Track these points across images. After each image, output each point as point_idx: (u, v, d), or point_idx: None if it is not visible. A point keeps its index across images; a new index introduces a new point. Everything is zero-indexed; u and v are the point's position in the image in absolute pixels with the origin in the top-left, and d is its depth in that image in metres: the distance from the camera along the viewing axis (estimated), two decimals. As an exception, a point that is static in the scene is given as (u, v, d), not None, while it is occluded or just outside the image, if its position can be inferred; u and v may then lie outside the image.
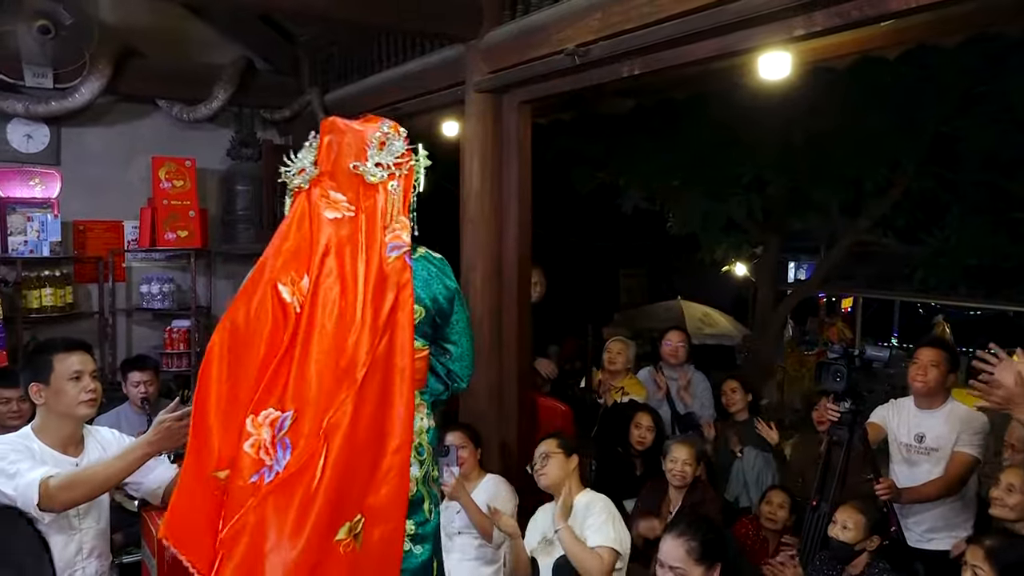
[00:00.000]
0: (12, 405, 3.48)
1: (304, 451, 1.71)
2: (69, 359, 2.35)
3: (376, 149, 1.94)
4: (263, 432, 1.74)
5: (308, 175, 1.96)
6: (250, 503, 1.69)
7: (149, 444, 2.29)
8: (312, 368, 1.77)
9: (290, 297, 1.83)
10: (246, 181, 5.99)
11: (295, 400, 1.75)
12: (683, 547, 2.38)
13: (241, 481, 1.72)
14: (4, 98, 5.16)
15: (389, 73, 5.08)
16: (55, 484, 2.16)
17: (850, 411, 3.14)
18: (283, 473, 1.71)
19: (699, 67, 3.43)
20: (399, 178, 1.94)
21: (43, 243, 5.29)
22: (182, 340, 5.73)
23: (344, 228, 1.88)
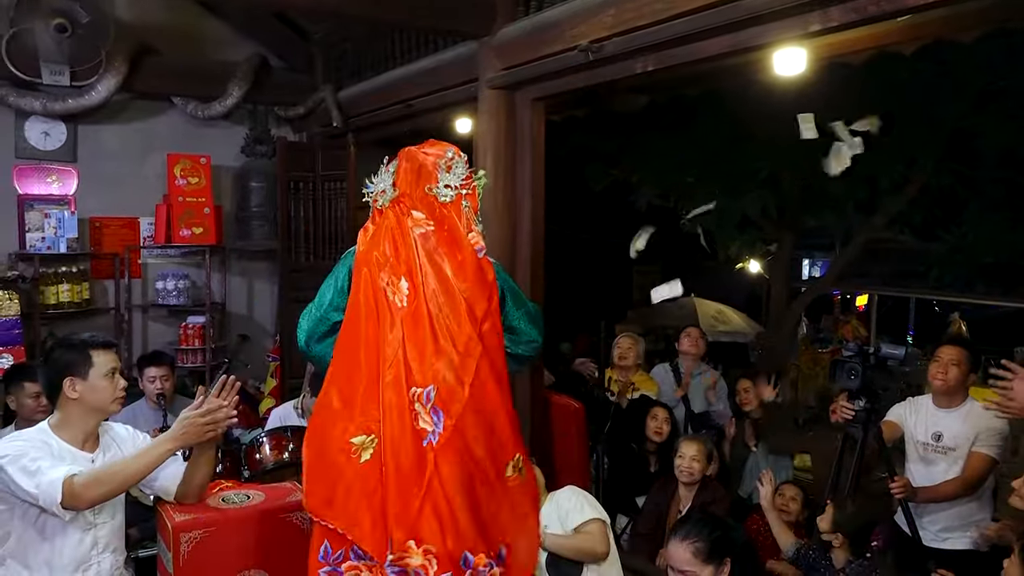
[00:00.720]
0: (41, 400, 3.50)
1: (452, 414, 2.15)
2: (106, 355, 2.39)
3: (444, 172, 2.32)
4: (416, 407, 2.16)
5: (388, 196, 2.34)
6: (429, 461, 2.13)
7: (174, 440, 2.33)
8: (436, 350, 2.18)
9: (392, 296, 2.23)
10: (260, 178, 6.02)
11: (432, 378, 2.16)
12: (690, 549, 2.37)
13: (418, 450, 2.14)
14: (22, 96, 5.21)
15: (402, 70, 5.09)
16: (80, 482, 2.17)
17: (864, 409, 3.12)
18: (444, 433, 2.14)
19: (713, 63, 3.41)
20: (467, 196, 2.35)
21: (60, 239, 5.34)
22: (197, 336, 5.77)
23: (430, 240, 2.28)
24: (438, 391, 2.15)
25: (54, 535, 2.28)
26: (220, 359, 5.76)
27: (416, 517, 2.11)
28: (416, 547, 2.10)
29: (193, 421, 2.33)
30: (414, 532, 2.11)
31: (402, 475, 2.13)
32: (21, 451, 2.22)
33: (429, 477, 2.12)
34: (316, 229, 5.98)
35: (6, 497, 2.25)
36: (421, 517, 2.11)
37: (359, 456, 2.17)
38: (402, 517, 2.12)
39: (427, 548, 2.11)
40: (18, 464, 2.19)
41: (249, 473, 3.73)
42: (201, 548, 2.44)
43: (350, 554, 2.19)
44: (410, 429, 2.14)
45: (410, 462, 2.13)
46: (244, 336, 6.24)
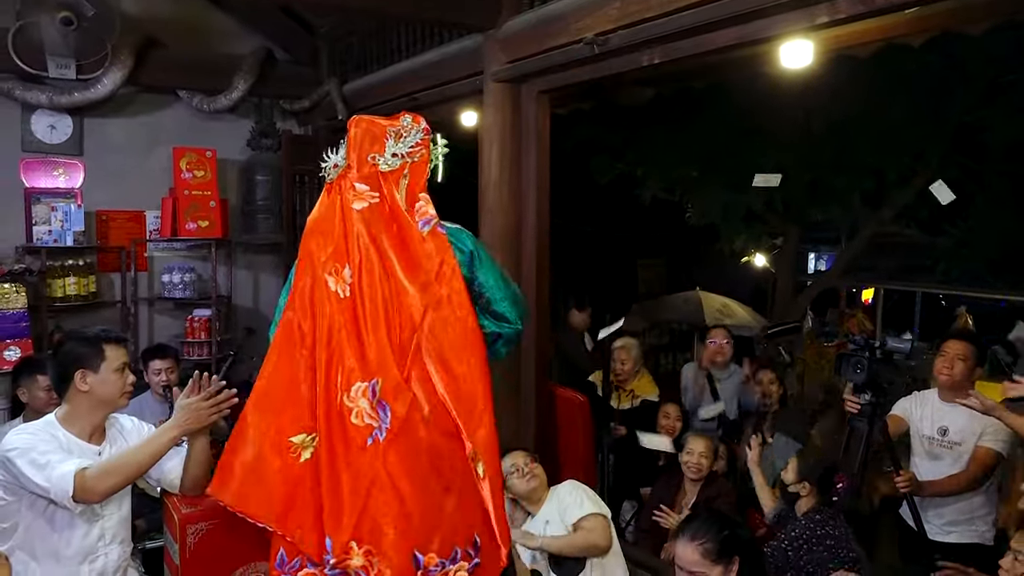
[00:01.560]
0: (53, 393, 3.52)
1: (400, 405, 2.00)
2: (118, 350, 2.41)
3: (393, 141, 2.12)
4: (360, 403, 2.00)
5: (338, 169, 2.15)
6: (375, 461, 1.98)
7: (178, 426, 2.34)
8: (381, 339, 2.02)
9: (335, 286, 2.06)
10: (266, 171, 6.03)
11: (377, 370, 2.01)
12: (699, 550, 2.36)
13: (357, 448, 1.99)
14: (28, 89, 5.22)
15: (407, 63, 5.08)
16: (91, 475, 2.19)
17: (870, 403, 3.11)
18: (392, 428, 1.99)
19: (719, 56, 3.39)
20: (411, 165, 2.13)
21: (67, 233, 5.35)
22: (203, 329, 5.79)
23: (373, 214, 2.09)
24: (383, 384, 2.01)
25: (61, 527, 2.30)
26: (226, 352, 5.78)
27: (358, 517, 1.99)
28: (357, 548, 1.99)
29: (197, 406, 2.34)
30: (355, 532, 1.99)
31: (336, 474, 2.01)
32: (30, 444, 2.24)
33: (375, 475, 1.99)
34: (321, 222, 5.98)
35: (14, 489, 2.27)
36: (364, 516, 1.99)
37: (299, 455, 2.05)
38: (338, 517, 2.00)
39: (368, 549, 1.99)
40: (27, 457, 2.20)
41: (255, 465, 3.74)
42: (207, 540, 2.46)
43: (307, 562, 2.07)
44: (344, 426, 2.01)
45: (346, 460, 2.01)
46: (250, 329, 6.25)
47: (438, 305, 2.05)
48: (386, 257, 2.07)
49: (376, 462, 1.98)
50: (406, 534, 1.99)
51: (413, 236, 2.08)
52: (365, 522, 1.98)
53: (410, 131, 2.14)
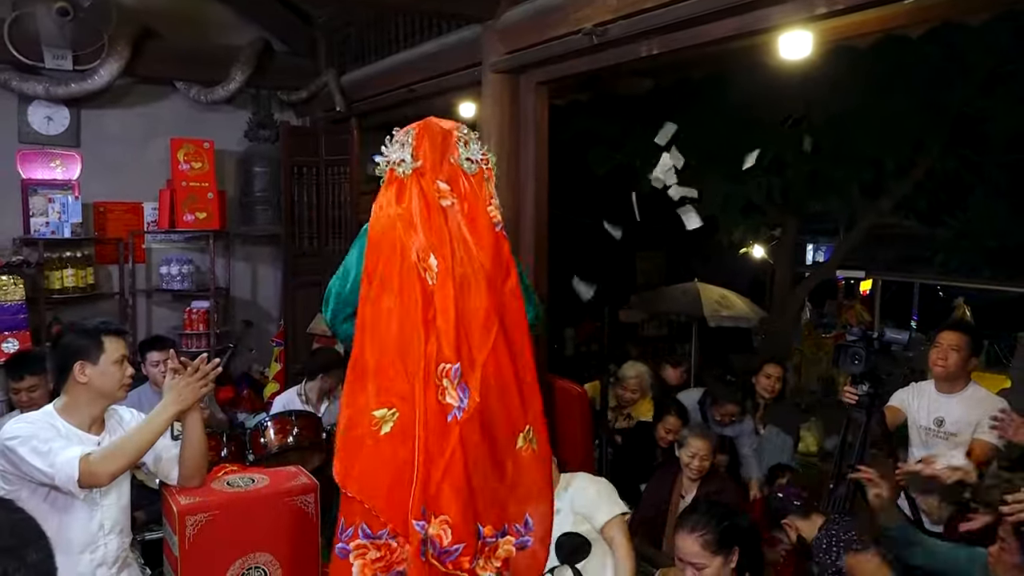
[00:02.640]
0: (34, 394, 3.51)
1: (476, 390, 2.22)
2: (117, 342, 2.41)
3: (463, 146, 2.36)
4: (444, 382, 2.21)
5: (409, 165, 2.31)
6: (453, 438, 2.18)
7: (174, 403, 2.38)
8: (468, 326, 2.25)
9: (423, 273, 2.25)
10: (263, 163, 6.02)
11: (457, 355, 2.22)
12: (699, 541, 2.37)
13: (444, 424, 2.19)
14: (24, 80, 5.20)
15: (406, 54, 5.07)
16: (95, 459, 2.21)
17: (868, 394, 3.12)
18: (467, 409, 2.20)
19: (718, 46, 3.39)
20: (487, 171, 2.39)
21: (64, 224, 5.34)
22: (201, 321, 5.79)
23: (455, 212, 2.31)
24: (463, 367, 2.21)
25: (61, 516, 2.30)
26: (224, 344, 5.78)
27: (436, 489, 2.17)
28: (434, 517, 2.18)
29: (187, 382, 2.40)
30: (434, 503, 2.18)
31: (427, 448, 2.19)
32: (31, 432, 2.24)
33: (452, 450, 2.18)
34: (320, 214, 5.98)
35: (13, 479, 2.27)
36: (441, 489, 2.17)
37: (379, 428, 2.23)
38: (424, 487, 2.18)
39: (444, 519, 2.18)
40: (29, 445, 2.21)
41: (254, 457, 3.75)
42: (206, 531, 2.46)
43: (359, 532, 2.23)
44: (435, 404, 2.20)
45: (435, 436, 2.19)
46: (248, 321, 6.25)
47: (510, 298, 2.32)
48: (471, 252, 2.28)
49: (453, 438, 2.18)
50: (471, 507, 2.21)
51: (492, 235, 2.32)
52: (443, 493, 2.18)
53: (472, 139, 2.38)
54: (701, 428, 3.95)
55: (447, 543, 2.18)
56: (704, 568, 2.36)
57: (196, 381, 2.40)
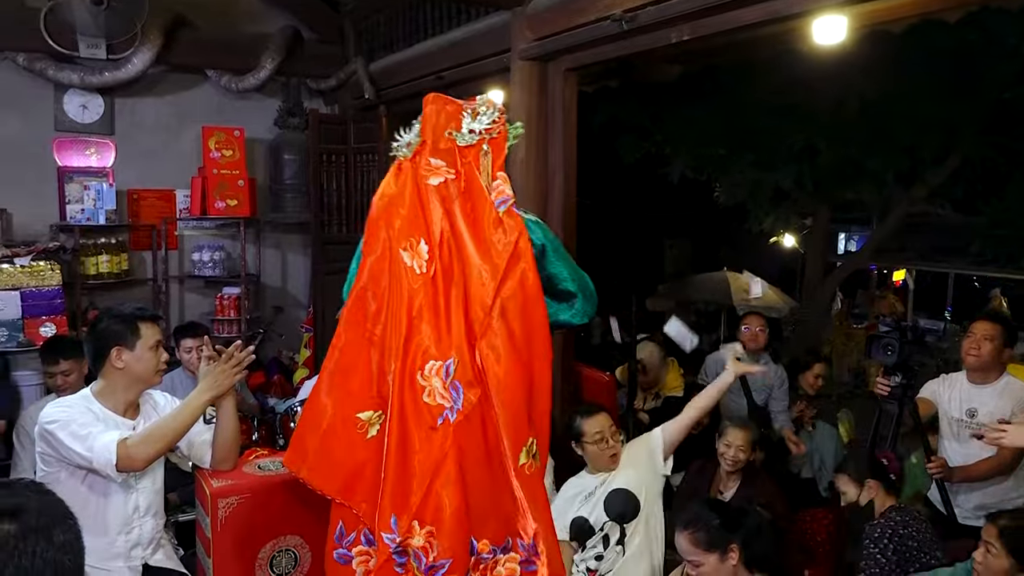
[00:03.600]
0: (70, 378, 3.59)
1: (472, 389, 1.99)
2: (152, 328, 2.45)
3: (470, 118, 2.12)
4: (434, 381, 2.00)
5: (412, 147, 2.14)
6: (444, 442, 1.97)
7: (208, 389, 2.41)
8: (456, 319, 2.02)
9: (411, 261, 2.05)
10: (293, 151, 6.05)
11: (453, 349, 2.00)
12: (690, 539, 2.40)
13: (427, 427, 1.99)
14: (60, 69, 5.28)
15: (434, 41, 5.06)
16: (132, 443, 2.25)
17: (900, 385, 3.08)
18: (463, 410, 1.98)
19: (749, 32, 3.34)
20: (489, 141, 2.12)
21: (99, 211, 5.43)
22: (232, 307, 5.86)
23: (448, 190, 2.09)
24: (458, 364, 1.99)
25: (98, 499, 2.35)
26: (255, 330, 5.85)
27: (423, 497, 1.97)
28: (419, 528, 1.98)
29: (222, 369, 2.42)
30: (419, 512, 1.98)
31: (406, 452, 2.00)
32: (69, 416, 2.29)
33: (445, 454, 1.97)
34: (348, 201, 6.01)
35: (52, 461, 2.32)
36: (429, 497, 1.97)
37: (366, 432, 2.08)
38: (406, 496, 1.99)
39: (429, 530, 1.98)
40: (68, 429, 2.26)
41: (284, 441, 3.80)
42: (238, 513, 2.50)
43: (360, 538, 2.11)
44: (417, 404, 2.00)
45: (417, 438, 2.00)
46: (278, 307, 6.32)
47: (511, 286, 2.02)
48: (459, 234, 2.06)
49: (445, 443, 1.97)
50: (464, 518, 1.99)
51: (486, 214, 2.06)
52: (430, 502, 1.97)
53: (486, 111, 2.14)
54: (741, 420, 3.90)
55: (433, 558, 1.96)
56: (700, 565, 2.37)
57: (230, 368, 2.43)
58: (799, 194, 7.05)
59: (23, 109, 5.39)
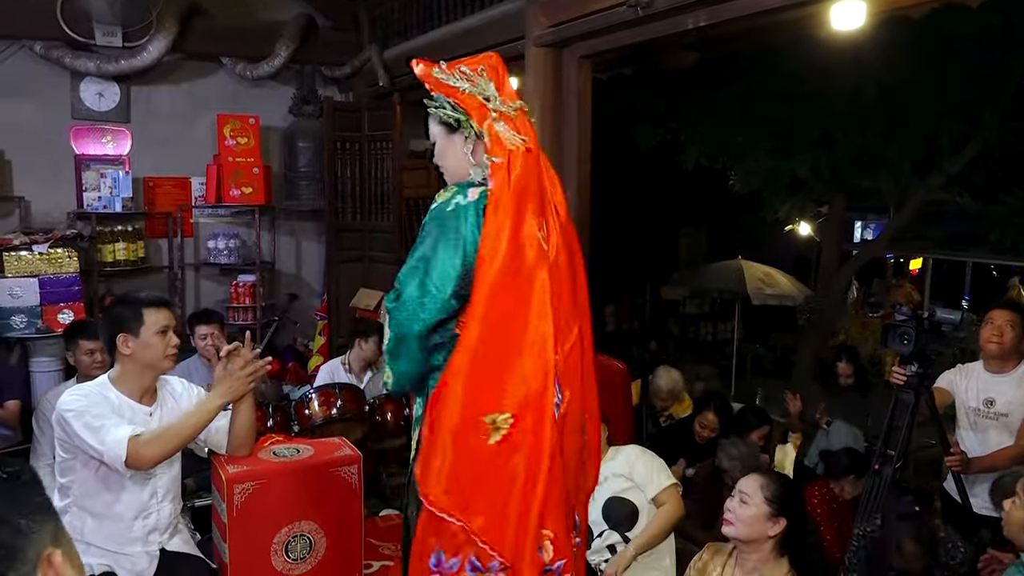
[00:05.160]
0: (96, 356, 3.63)
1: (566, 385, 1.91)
2: (158, 314, 2.43)
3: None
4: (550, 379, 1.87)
5: (511, 105, 1.92)
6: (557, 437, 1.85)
7: (223, 395, 2.42)
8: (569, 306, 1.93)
9: (543, 244, 1.86)
10: (307, 138, 6.07)
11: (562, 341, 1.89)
12: (759, 481, 2.38)
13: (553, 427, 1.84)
14: (77, 57, 5.31)
15: (449, 28, 5.05)
16: (143, 441, 2.26)
17: (917, 375, 3.05)
18: (564, 405, 1.90)
19: (767, 18, 3.31)
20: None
21: (116, 199, 5.47)
22: (247, 294, 5.89)
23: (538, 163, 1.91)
24: (561, 359, 1.88)
25: (115, 484, 2.37)
26: (269, 317, 5.88)
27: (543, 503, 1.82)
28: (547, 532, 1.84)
29: (238, 375, 2.42)
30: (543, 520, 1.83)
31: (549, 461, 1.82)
32: (84, 407, 2.31)
33: (552, 455, 1.83)
34: (363, 189, 6.02)
35: (68, 448, 2.34)
36: (547, 502, 1.82)
37: (488, 436, 1.81)
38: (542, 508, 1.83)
39: (547, 534, 1.83)
40: (82, 420, 2.27)
41: (299, 428, 3.82)
42: (253, 499, 2.52)
43: (466, 566, 1.83)
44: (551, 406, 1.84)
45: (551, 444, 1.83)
46: (293, 295, 6.35)
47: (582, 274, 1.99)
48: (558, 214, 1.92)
49: (557, 441, 1.85)
50: (569, 516, 1.95)
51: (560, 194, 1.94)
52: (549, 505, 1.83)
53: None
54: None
55: (548, 559, 1.83)
56: (747, 504, 2.35)
57: (246, 376, 2.43)
58: (815, 182, 6.97)
59: (40, 97, 5.42)
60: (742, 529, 2.37)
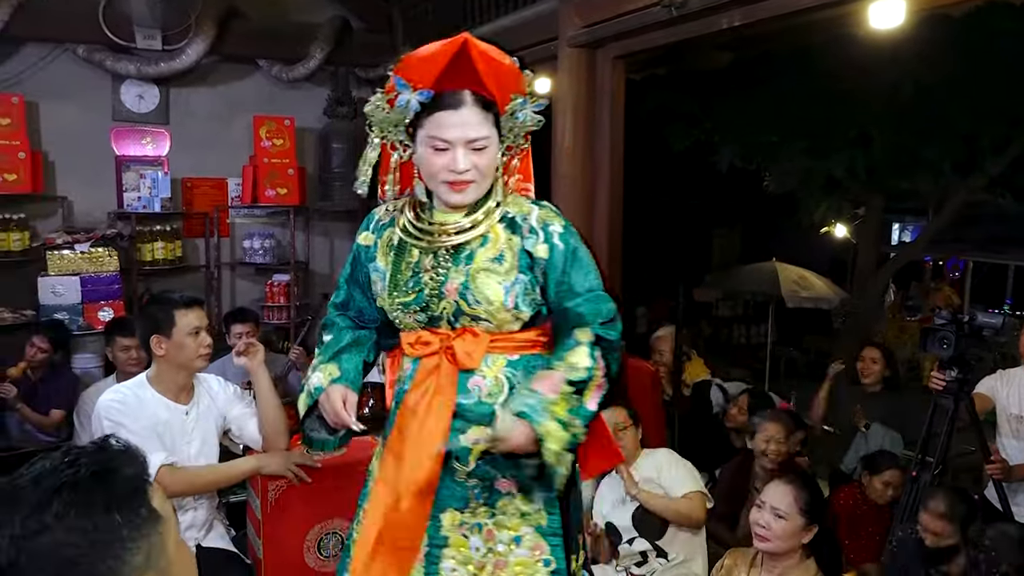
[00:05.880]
0: (132, 353, 3.71)
1: None
2: (190, 315, 2.47)
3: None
4: None
5: None
6: None
7: (260, 462, 2.53)
8: None
9: None
10: (341, 139, 6.11)
11: None
12: (791, 494, 2.35)
13: None
14: (118, 60, 5.41)
15: (482, 29, 5.05)
16: (172, 475, 2.32)
17: (956, 380, 3.00)
18: None
19: (803, 17, 3.27)
20: None
21: (155, 199, 5.56)
22: (282, 294, 5.96)
23: None
24: None
25: (153, 481, 2.42)
26: (303, 316, 5.94)
27: None
28: None
29: (288, 467, 2.53)
30: None
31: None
32: (120, 420, 2.36)
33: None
34: (396, 190, 6.04)
35: None
36: None
37: None
38: None
39: None
40: (117, 432, 2.31)
41: (332, 426, 3.85)
42: (288, 496, 2.55)
43: None
44: None
45: None
46: (327, 295, 6.38)
47: None
48: None
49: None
50: None
51: None
52: None
53: None
54: (773, 412, 3.82)
55: None
56: (784, 520, 2.33)
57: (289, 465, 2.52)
58: (852, 183, 6.87)
59: (83, 99, 5.53)
60: (780, 545, 2.34)
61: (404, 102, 1.74)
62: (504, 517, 1.75)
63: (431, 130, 1.72)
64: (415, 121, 1.76)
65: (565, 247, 1.78)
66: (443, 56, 1.75)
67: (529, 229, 1.78)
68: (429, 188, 1.80)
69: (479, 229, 1.75)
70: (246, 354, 2.61)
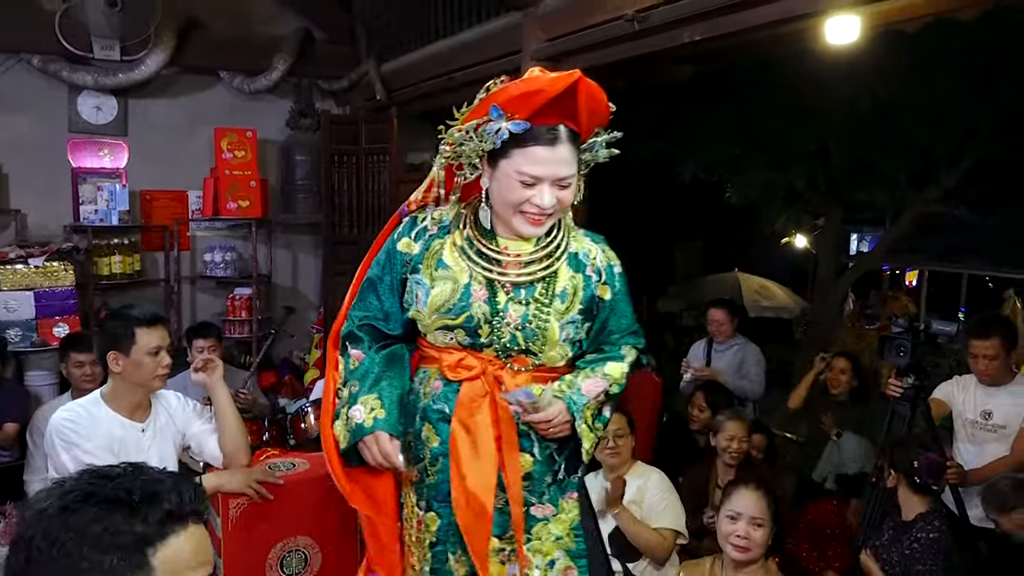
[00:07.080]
0: (86, 369, 3.62)
1: None
2: (152, 333, 2.38)
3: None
4: None
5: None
6: None
7: (220, 479, 2.48)
8: None
9: None
10: (304, 151, 6.07)
11: None
12: (764, 500, 2.38)
13: None
14: (75, 70, 5.32)
15: (446, 42, 5.06)
16: None
17: (913, 386, 3.06)
18: None
19: (763, 32, 3.32)
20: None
21: (112, 212, 5.46)
22: (244, 307, 5.88)
23: None
24: None
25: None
26: (266, 330, 5.87)
27: None
28: None
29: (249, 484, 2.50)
30: None
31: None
32: (73, 439, 2.30)
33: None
34: (360, 202, 6.01)
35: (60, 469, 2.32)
36: None
37: None
38: None
39: None
40: (71, 453, 2.27)
41: (295, 442, 3.81)
42: (248, 514, 2.51)
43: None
44: None
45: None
46: (290, 308, 6.33)
47: None
48: None
49: None
50: None
51: None
52: None
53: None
54: (735, 411, 3.93)
55: None
56: (762, 526, 2.35)
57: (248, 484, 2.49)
58: (812, 194, 7.00)
59: (38, 110, 5.43)
60: (758, 553, 2.36)
61: (494, 130, 1.68)
62: (539, 542, 1.83)
63: (521, 164, 1.68)
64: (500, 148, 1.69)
65: (622, 287, 1.89)
66: (552, 91, 1.67)
67: (594, 269, 1.83)
68: (499, 213, 1.77)
69: (552, 268, 1.77)
70: (204, 370, 2.57)
